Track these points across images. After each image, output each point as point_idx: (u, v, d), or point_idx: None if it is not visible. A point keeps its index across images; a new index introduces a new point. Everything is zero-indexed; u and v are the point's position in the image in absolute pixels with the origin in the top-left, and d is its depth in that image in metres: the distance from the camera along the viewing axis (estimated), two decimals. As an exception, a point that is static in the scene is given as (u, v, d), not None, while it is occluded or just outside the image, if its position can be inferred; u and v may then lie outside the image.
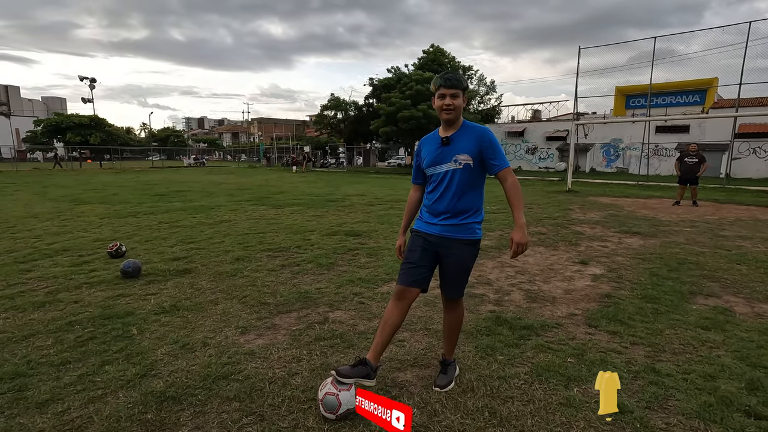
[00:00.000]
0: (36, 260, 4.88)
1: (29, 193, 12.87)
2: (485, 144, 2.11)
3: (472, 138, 2.12)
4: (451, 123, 2.15)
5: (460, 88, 2.10)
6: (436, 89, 2.12)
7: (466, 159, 2.12)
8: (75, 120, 37.51)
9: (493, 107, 36.18)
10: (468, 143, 2.12)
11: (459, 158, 2.13)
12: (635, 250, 5.45)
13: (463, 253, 2.20)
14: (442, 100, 2.10)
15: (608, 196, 12.53)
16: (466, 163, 2.12)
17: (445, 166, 2.16)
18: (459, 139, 2.14)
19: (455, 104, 2.09)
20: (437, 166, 2.18)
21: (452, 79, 2.09)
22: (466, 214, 2.18)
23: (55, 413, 2.03)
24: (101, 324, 3.08)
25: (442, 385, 2.26)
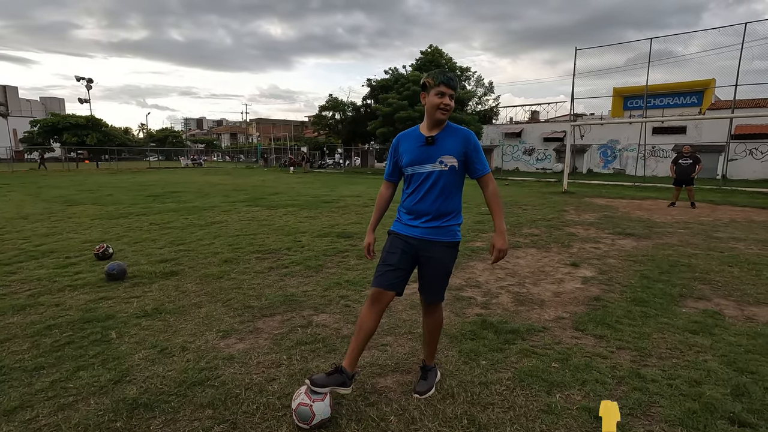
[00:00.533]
0: (21, 262, 4.82)
1: (23, 194, 12.80)
2: (471, 147, 2.08)
3: (457, 140, 2.07)
4: (441, 123, 2.09)
5: (457, 90, 2.09)
6: (435, 84, 2.01)
7: (452, 161, 2.06)
8: (71, 120, 37.31)
9: (490, 108, 36.19)
10: (454, 144, 2.06)
11: (444, 159, 2.06)
12: (627, 252, 5.41)
13: (444, 256, 2.14)
14: (441, 99, 2.01)
15: (604, 198, 12.51)
16: (451, 165, 2.07)
17: (428, 167, 2.08)
18: (444, 139, 2.07)
19: (451, 105, 2.05)
20: (420, 165, 2.10)
21: (453, 79, 2.05)
22: (448, 217, 2.13)
23: (22, 421, 1.98)
24: (80, 328, 3.03)
25: (421, 392, 2.21)
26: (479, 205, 10.36)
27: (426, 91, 2.06)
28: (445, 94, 2.02)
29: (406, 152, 2.15)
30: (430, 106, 2.05)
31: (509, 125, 34.40)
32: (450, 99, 2.03)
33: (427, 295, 2.23)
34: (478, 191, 2.50)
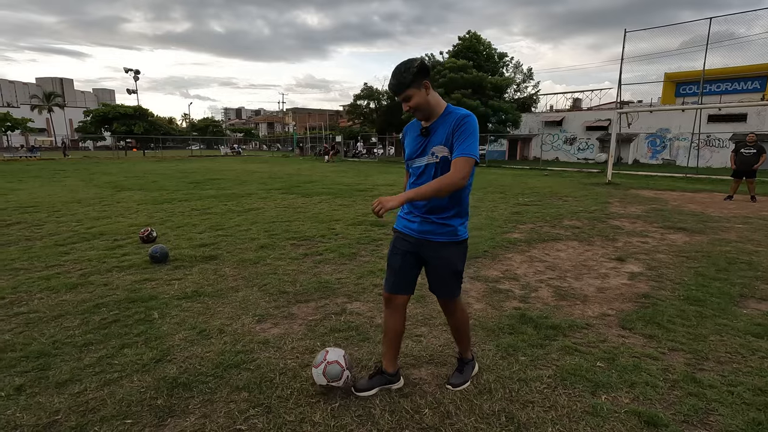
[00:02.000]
0: (74, 243, 5.11)
1: (76, 180, 13.60)
2: (455, 128, 1.83)
3: (447, 126, 1.85)
4: (427, 119, 1.92)
5: (407, 87, 1.79)
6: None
7: (443, 151, 1.86)
8: (121, 110, 39.40)
9: (529, 96, 34.95)
10: (444, 133, 1.86)
11: (435, 151, 1.88)
12: (679, 248, 5.06)
13: (447, 256, 1.98)
14: (404, 107, 1.88)
15: (652, 189, 11.81)
16: (443, 156, 1.87)
17: (424, 159, 1.93)
18: (437, 129, 1.89)
19: (413, 106, 1.84)
20: (417, 159, 1.97)
21: (392, 85, 1.82)
22: (445, 213, 1.94)
23: (71, 394, 2.07)
24: (126, 307, 3.16)
25: (455, 384, 2.15)
26: (517, 195, 10.05)
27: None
28: (402, 102, 1.86)
29: (408, 145, 2.03)
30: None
31: (549, 113, 33.09)
32: (406, 102, 1.84)
33: (436, 293, 2.12)
34: (518, 181, 2.37)
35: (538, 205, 8.45)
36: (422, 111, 1.87)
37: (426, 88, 1.84)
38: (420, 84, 1.81)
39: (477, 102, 25.05)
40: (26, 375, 2.23)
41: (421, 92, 1.83)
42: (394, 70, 1.83)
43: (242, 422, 1.88)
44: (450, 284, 2.05)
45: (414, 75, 1.78)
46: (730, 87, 24.29)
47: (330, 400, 2.03)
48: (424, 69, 1.81)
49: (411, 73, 1.78)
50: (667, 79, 26.16)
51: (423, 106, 1.85)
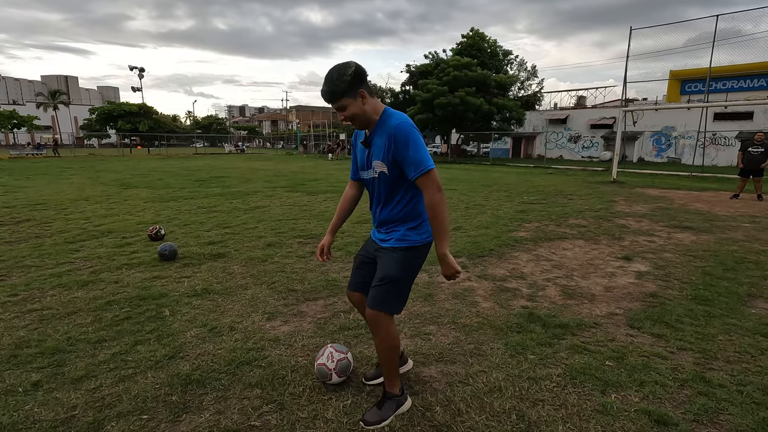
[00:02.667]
0: (84, 241, 5.16)
1: (83, 177, 13.68)
2: (394, 145, 1.69)
3: (382, 139, 1.72)
4: (365, 128, 1.80)
5: (341, 96, 1.65)
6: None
7: (381, 167, 1.76)
8: (125, 108, 39.53)
9: (533, 93, 34.82)
10: (380, 145, 1.74)
11: (375, 165, 1.79)
12: (686, 247, 5.06)
13: (386, 262, 1.84)
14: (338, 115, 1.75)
15: (657, 188, 11.77)
16: (380, 171, 1.77)
17: (369, 173, 1.85)
18: (375, 140, 1.77)
19: (347, 115, 1.70)
20: (363, 171, 1.91)
21: (326, 93, 1.67)
22: (393, 225, 1.86)
23: (88, 389, 2.11)
24: (137, 304, 3.19)
25: (367, 421, 1.86)
26: (521, 194, 10.04)
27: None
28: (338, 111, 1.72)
29: (357, 154, 1.95)
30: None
31: (553, 111, 32.98)
32: (341, 111, 1.70)
33: (369, 297, 1.87)
34: (522, 180, 2.38)
35: (544, 204, 8.44)
36: (358, 121, 1.74)
37: (362, 97, 1.68)
38: (355, 93, 1.67)
39: (481, 100, 25.00)
40: (42, 371, 2.27)
41: (357, 102, 1.68)
42: (326, 76, 1.67)
43: (256, 418, 1.91)
44: (379, 292, 1.82)
45: (348, 84, 1.64)
46: (736, 85, 24.13)
47: (342, 398, 2.06)
48: (359, 76, 1.65)
49: (344, 81, 1.63)
50: (673, 77, 26.01)
51: (359, 116, 1.71)
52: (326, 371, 2.11)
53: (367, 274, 1.98)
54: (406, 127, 1.69)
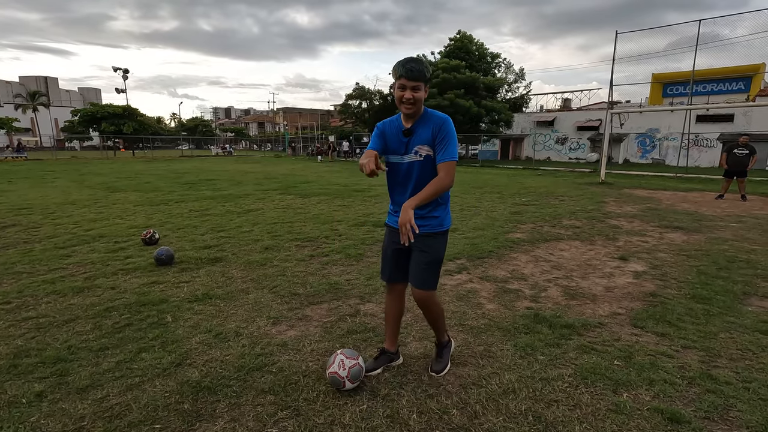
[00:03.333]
0: (75, 246, 5.03)
1: (67, 181, 13.37)
2: (437, 132, 1.98)
3: (429, 127, 2.00)
4: (411, 117, 2.02)
5: (423, 80, 1.92)
6: (396, 77, 1.92)
7: (426, 150, 2.02)
8: (109, 110, 38.70)
9: (521, 96, 35.21)
10: (426, 133, 2.00)
11: (419, 149, 2.03)
12: (678, 246, 5.16)
13: (432, 243, 2.11)
14: (402, 92, 1.92)
15: (644, 189, 12.00)
16: (426, 155, 2.02)
17: (407, 158, 2.06)
18: (419, 130, 2.02)
19: (416, 97, 1.92)
20: (399, 156, 2.09)
21: (415, 70, 1.88)
22: (435, 209, 2.10)
23: (95, 399, 2.05)
24: (137, 311, 3.12)
25: (438, 371, 2.30)
26: (513, 195, 10.14)
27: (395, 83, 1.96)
28: (406, 87, 1.90)
29: (389, 141, 2.10)
30: (396, 100, 1.98)
31: (541, 113, 33.40)
32: (413, 91, 1.90)
33: (416, 281, 2.14)
34: (513, 181, 2.41)
35: (536, 205, 8.53)
36: (417, 107, 1.97)
37: (426, 89, 1.98)
38: (428, 83, 1.98)
39: (470, 102, 25.17)
40: (45, 381, 2.20)
41: (424, 92, 1.96)
42: (414, 59, 1.91)
43: (272, 425, 1.88)
44: (424, 274, 2.11)
45: (429, 74, 1.96)
46: (716, 88, 24.78)
47: (358, 402, 2.04)
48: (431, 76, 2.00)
49: (428, 70, 1.95)
50: (655, 80, 26.59)
51: (419, 103, 1.96)
52: (339, 380, 2.07)
53: (406, 263, 2.18)
54: (452, 124, 2.02)
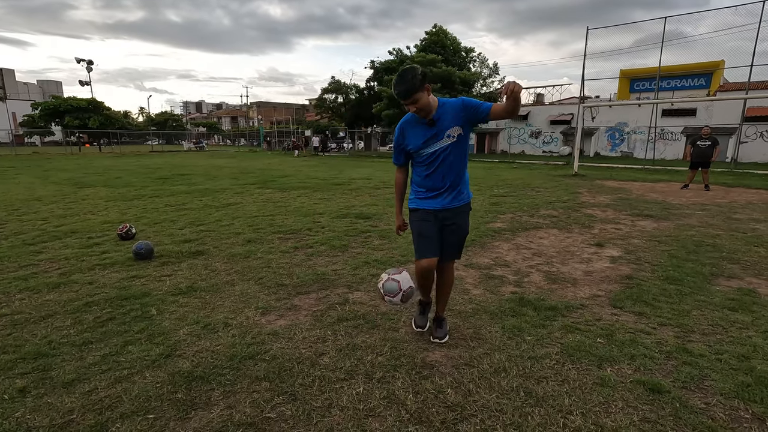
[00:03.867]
0: (45, 242, 4.82)
1: (30, 177, 12.75)
2: (468, 106, 2.20)
3: (454, 110, 2.21)
4: (427, 115, 2.21)
5: (415, 92, 2.08)
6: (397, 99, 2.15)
7: (458, 130, 2.24)
8: (73, 103, 36.93)
9: (496, 90, 35.75)
10: (453, 116, 2.21)
11: (451, 132, 2.23)
12: (650, 233, 5.39)
13: (464, 220, 2.45)
14: (409, 107, 2.16)
15: (615, 180, 12.44)
16: (459, 134, 2.25)
17: (440, 143, 2.25)
18: (443, 115, 2.22)
19: (419, 107, 2.14)
20: (432, 145, 2.26)
21: (402, 91, 2.09)
22: (463, 184, 2.39)
23: (82, 393, 1.99)
24: (119, 305, 3.04)
25: (441, 337, 2.52)
26: (492, 187, 10.32)
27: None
28: (406, 104, 2.14)
29: (414, 137, 2.29)
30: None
31: (515, 108, 33.99)
32: (413, 105, 2.13)
33: (448, 255, 2.48)
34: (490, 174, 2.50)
35: (514, 196, 8.72)
36: (425, 110, 2.16)
37: (428, 91, 2.13)
38: (423, 88, 2.10)
39: (447, 96, 25.37)
40: (27, 376, 2.12)
41: (425, 95, 2.12)
42: (399, 78, 2.08)
43: (270, 410, 1.88)
44: (461, 246, 2.53)
45: (420, 81, 2.08)
46: (679, 83, 25.79)
47: (354, 385, 2.06)
48: (425, 75, 2.12)
49: (417, 79, 2.07)
50: (622, 76, 27.50)
51: (426, 107, 2.15)
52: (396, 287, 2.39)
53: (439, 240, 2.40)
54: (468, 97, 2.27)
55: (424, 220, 2.37)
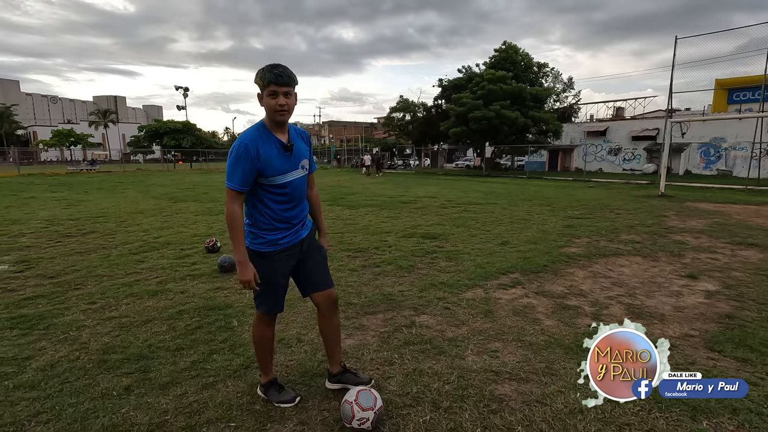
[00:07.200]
0: (146, 252, 5.44)
1: (135, 191, 14.46)
2: (309, 143, 2.12)
3: (303, 140, 2.08)
4: (283, 125, 1.94)
5: (293, 85, 1.86)
6: (265, 85, 1.83)
7: (307, 162, 2.09)
8: (170, 126, 41.71)
9: (570, 105, 34.14)
10: (304, 146, 2.07)
11: (304, 163, 2.06)
12: (755, 265, 4.77)
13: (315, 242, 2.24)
14: (275, 99, 1.83)
15: (710, 202, 11.19)
16: (308, 167, 2.13)
17: (296, 173, 2.00)
18: (297, 142, 2.01)
19: (289, 104, 1.86)
20: (288, 173, 1.96)
21: (284, 75, 1.81)
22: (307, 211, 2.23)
23: (175, 395, 2.21)
24: (206, 314, 3.33)
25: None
26: (565, 208, 9.80)
27: (261, 93, 1.87)
28: (277, 93, 1.83)
29: (272, 159, 1.90)
30: (268, 109, 1.87)
31: (592, 123, 32.17)
32: (286, 97, 1.84)
33: (326, 283, 2.20)
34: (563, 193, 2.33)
35: (590, 218, 8.20)
36: (290, 113, 1.91)
37: (296, 97, 1.93)
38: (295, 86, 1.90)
39: (516, 113, 24.73)
40: (131, 376, 2.40)
41: (294, 97, 1.92)
42: (279, 65, 1.84)
43: (339, 430, 1.94)
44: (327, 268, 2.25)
45: (297, 80, 1.89)
46: (792, 93, 22.75)
47: (420, 413, 2.06)
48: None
49: (295, 77, 1.88)
50: (718, 86, 24.88)
51: (291, 110, 1.91)
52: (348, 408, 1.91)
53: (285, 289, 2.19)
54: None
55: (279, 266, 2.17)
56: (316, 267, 2.16)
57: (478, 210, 9.45)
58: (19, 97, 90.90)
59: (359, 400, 1.89)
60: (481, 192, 14.18)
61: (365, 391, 1.96)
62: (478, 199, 11.70)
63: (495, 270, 4.54)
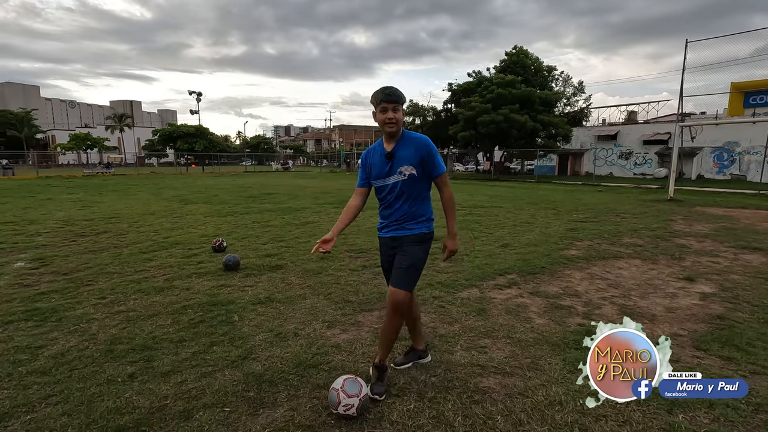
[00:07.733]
0: (155, 251, 5.63)
1: (147, 193, 14.81)
2: (425, 153, 2.20)
3: (412, 148, 2.20)
4: (393, 136, 2.21)
5: (401, 102, 2.15)
6: (377, 104, 2.16)
7: (410, 170, 2.21)
8: (184, 129, 42.56)
9: (580, 109, 33.91)
10: (409, 154, 2.20)
11: (403, 170, 2.21)
12: (756, 269, 4.76)
13: (410, 248, 2.29)
14: (384, 114, 2.14)
15: (720, 207, 11.07)
16: (410, 174, 2.21)
17: (392, 179, 2.24)
18: (401, 151, 2.21)
19: (397, 117, 2.15)
20: (385, 179, 2.26)
21: (393, 94, 2.13)
22: (417, 219, 2.31)
23: (175, 383, 2.34)
24: (208, 310, 3.47)
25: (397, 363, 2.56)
26: (570, 212, 9.80)
27: (375, 110, 2.20)
28: (387, 109, 2.14)
29: (373, 166, 2.30)
30: (379, 123, 2.20)
31: (602, 127, 31.91)
32: (394, 112, 2.13)
33: (393, 280, 2.29)
34: (570, 197, 2.42)
35: (595, 222, 8.20)
36: (397, 125, 2.17)
37: (403, 112, 2.21)
38: (402, 106, 2.18)
39: (525, 117, 24.69)
40: (135, 365, 2.54)
41: (402, 112, 2.18)
42: (390, 86, 2.16)
43: (326, 416, 2.05)
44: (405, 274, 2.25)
45: (404, 99, 2.17)
46: (809, 96, 22.33)
47: (405, 402, 2.16)
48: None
49: (404, 95, 2.16)
50: (734, 89, 24.51)
51: (399, 122, 2.18)
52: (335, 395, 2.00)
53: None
54: (431, 142, 2.26)
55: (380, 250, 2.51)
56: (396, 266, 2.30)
57: (482, 213, 9.51)
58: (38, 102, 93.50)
59: (345, 387, 2.00)
60: (487, 195, 14.21)
61: (351, 379, 2.06)
62: (483, 203, 11.75)
63: (492, 271, 4.61)
